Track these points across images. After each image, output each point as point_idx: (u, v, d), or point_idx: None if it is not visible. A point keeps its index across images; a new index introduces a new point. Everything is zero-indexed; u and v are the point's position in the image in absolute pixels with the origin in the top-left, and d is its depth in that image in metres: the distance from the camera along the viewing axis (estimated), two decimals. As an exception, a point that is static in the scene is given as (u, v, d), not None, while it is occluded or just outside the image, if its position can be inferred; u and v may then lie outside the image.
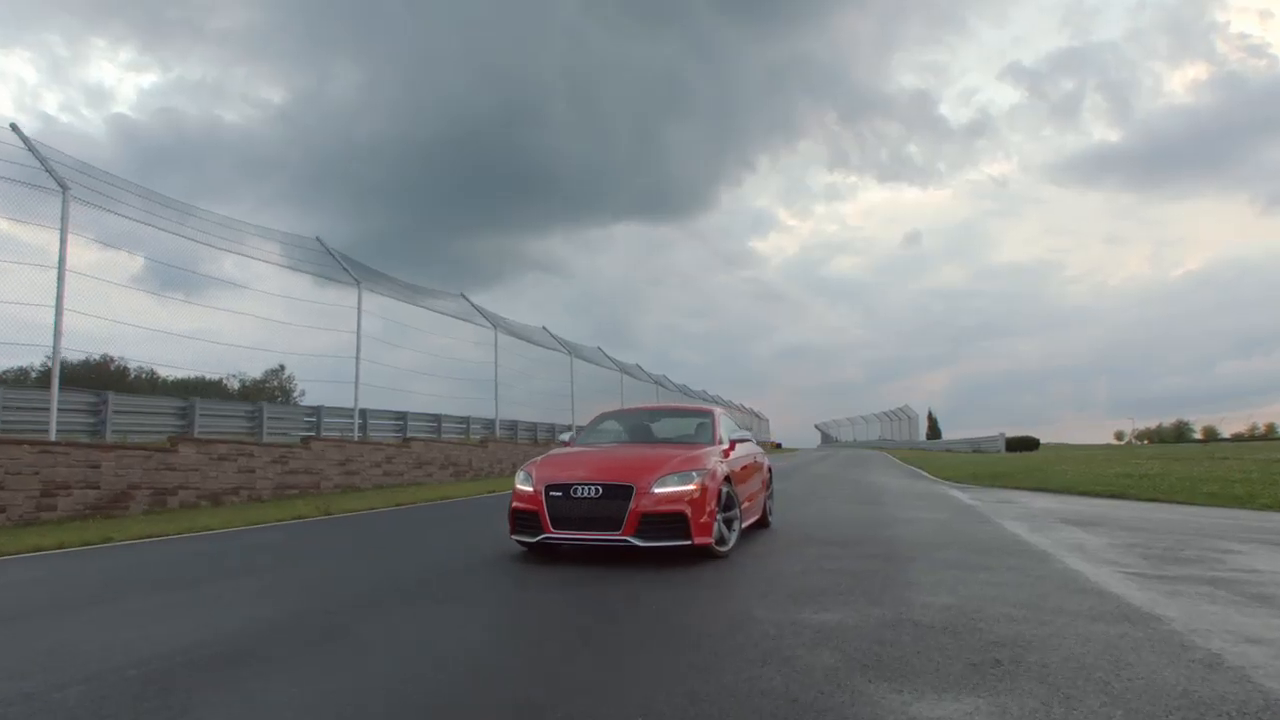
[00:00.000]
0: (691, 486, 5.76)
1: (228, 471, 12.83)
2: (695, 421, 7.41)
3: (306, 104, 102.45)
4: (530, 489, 5.95)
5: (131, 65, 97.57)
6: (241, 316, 14.53)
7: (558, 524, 5.73)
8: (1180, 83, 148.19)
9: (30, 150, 11.38)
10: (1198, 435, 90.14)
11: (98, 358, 16.79)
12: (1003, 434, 42.02)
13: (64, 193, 11.25)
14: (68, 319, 10.88)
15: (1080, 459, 21.88)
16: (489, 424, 24.41)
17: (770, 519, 8.30)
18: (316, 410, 18.47)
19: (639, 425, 7.62)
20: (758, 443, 8.82)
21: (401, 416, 21.70)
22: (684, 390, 47.82)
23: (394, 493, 14.91)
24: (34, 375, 14.16)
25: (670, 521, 5.63)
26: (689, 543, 5.64)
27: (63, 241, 11.09)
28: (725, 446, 6.86)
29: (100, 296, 11.59)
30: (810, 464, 29.64)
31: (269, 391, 22.69)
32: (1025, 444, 41.78)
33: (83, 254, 11.65)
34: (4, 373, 14.15)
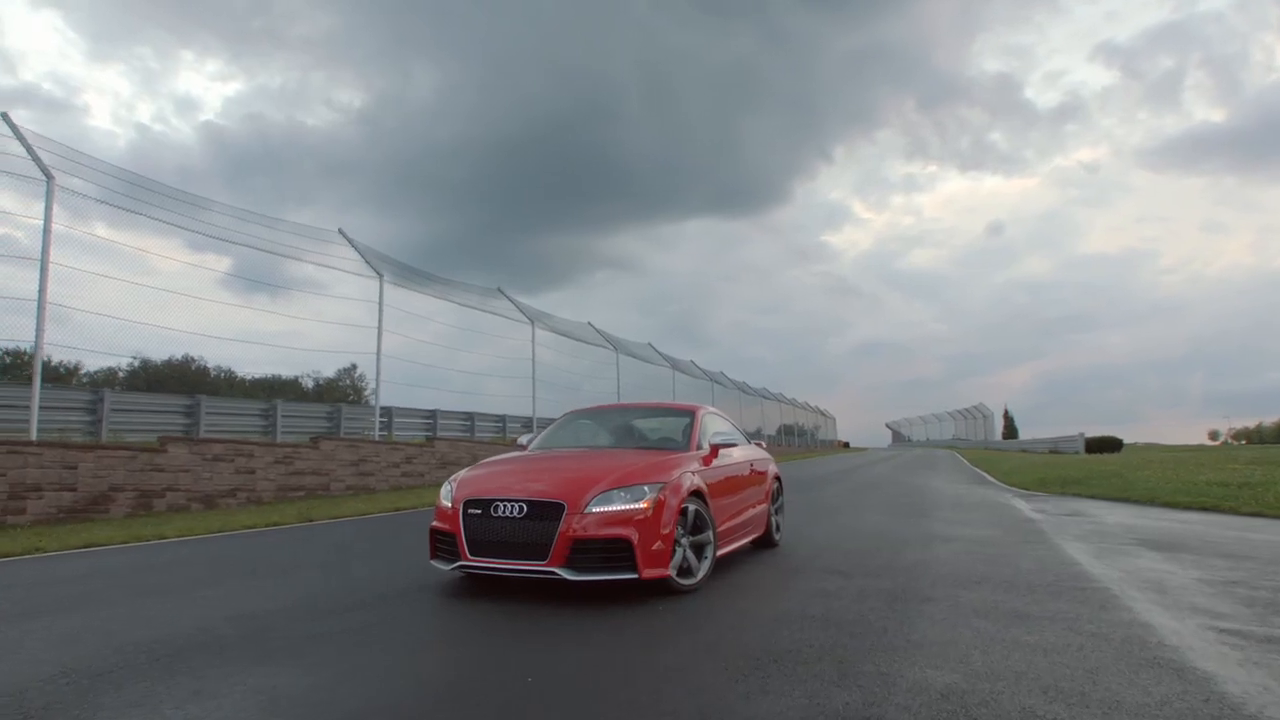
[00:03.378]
0: (641, 504, 4.57)
1: (223, 473, 12.18)
2: (673, 422, 6.18)
3: (386, 107, 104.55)
4: (449, 505, 4.87)
5: (218, 75, 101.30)
6: (307, 318, 14.61)
7: (476, 549, 4.62)
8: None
9: (20, 139, 10.94)
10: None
11: (179, 358, 17.08)
12: (1082, 434, 39.17)
13: (48, 181, 10.78)
14: (159, 319, 11.52)
15: (1167, 462, 19.65)
16: (528, 422, 23.57)
17: (778, 536, 7.03)
18: (337, 409, 17.91)
19: (610, 427, 6.44)
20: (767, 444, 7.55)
21: (431, 415, 21.01)
22: (742, 388, 46.29)
23: (407, 495, 14.09)
24: (121, 376, 15.00)
25: (610, 549, 4.46)
26: (635, 575, 4.45)
27: (46, 230, 10.62)
28: (704, 453, 5.63)
29: (182, 300, 12.03)
30: (867, 466, 27.89)
31: (341, 390, 22.53)
32: (1107, 445, 38.77)
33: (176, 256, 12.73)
34: (96, 373, 14.74)
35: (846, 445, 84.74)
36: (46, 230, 10.64)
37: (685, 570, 4.84)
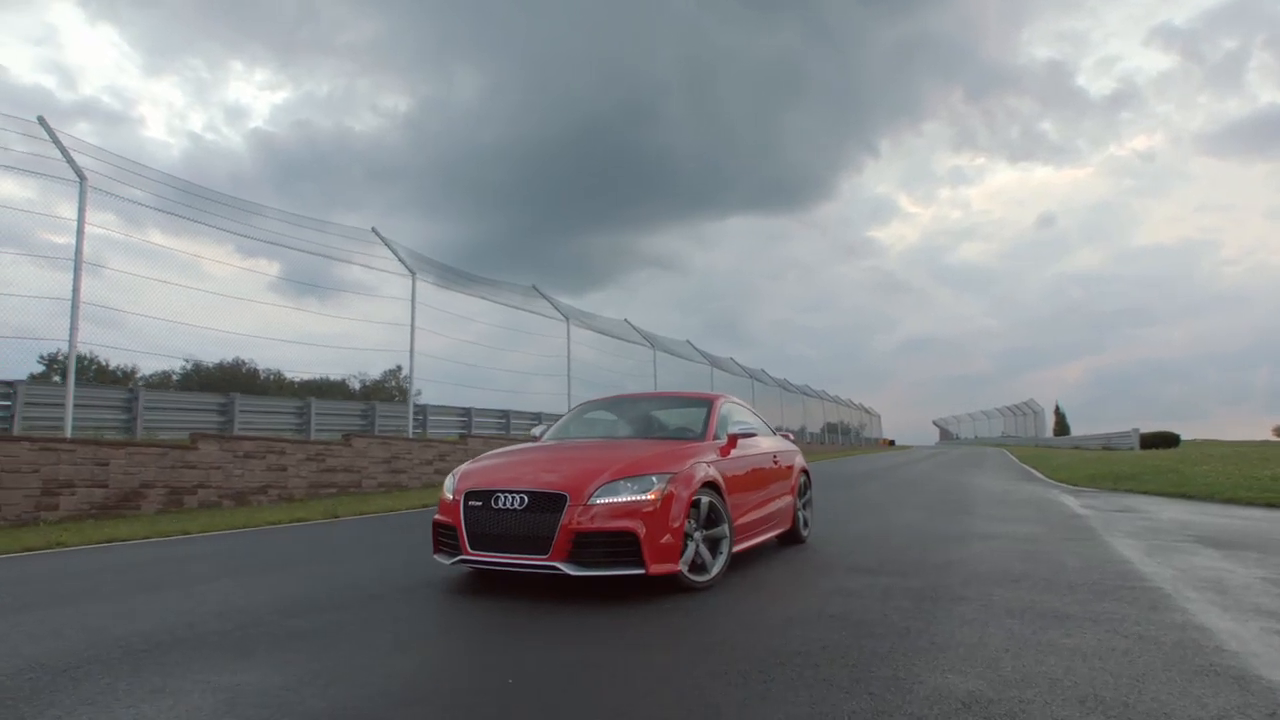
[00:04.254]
0: (649, 495, 4.31)
1: (255, 470, 12.24)
2: (689, 412, 5.89)
3: (430, 111, 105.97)
4: (450, 497, 4.67)
5: (266, 84, 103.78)
6: (354, 319, 15.08)
7: (477, 543, 4.41)
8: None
9: (55, 142, 11.11)
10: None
11: (229, 361, 17.64)
12: (1136, 430, 37.70)
13: (81, 183, 10.93)
14: (208, 322, 11.95)
15: (1227, 457, 18.70)
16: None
17: (805, 532, 6.71)
18: (371, 407, 17.98)
19: (625, 417, 6.19)
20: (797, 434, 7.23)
21: (466, 412, 21.00)
22: (783, 385, 45.65)
23: (437, 492, 14.02)
24: (175, 378, 15.95)
25: (615, 542, 4.21)
26: (641, 571, 4.19)
27: (79, 232, 10.75)
28: (721, 443, 5.35)
29: (232, 303, 12.43)
30: (911, 463, 27.19)
31: (388, 391, 22.77)
32: (1163, 440, 37.20)
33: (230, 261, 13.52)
34: (151, 375, 15.49)
35: (891, 443, 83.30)
36: (80, 231, 10.78)
37: (698, 566, 4.57)
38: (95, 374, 17.14)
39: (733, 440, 5.42)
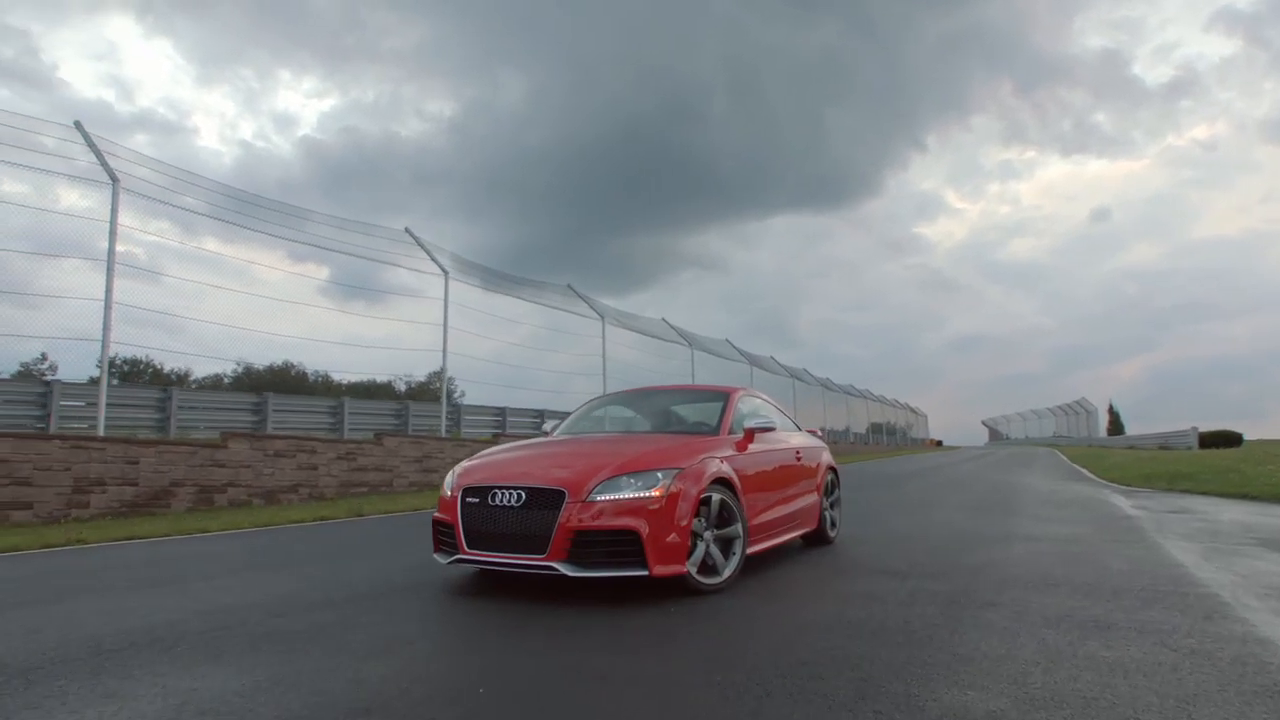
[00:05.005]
0: (653, 492, 4.05)
1: (285, 468, 12.28)
2: (705, 405, 5.60)
3: (475, 115, 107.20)
4: (449, 494, 4.47)
5: (314, 92, 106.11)
6: (400, 321, 15.37)
7: (474, 541, 4.20)
8: None
9: (90, 146, 11.29)
10: None
11: (279, 364, 18.08)
12: (1195, 428, 36.15)
13: (114, 185, 11.07)
14: (259, 325, 12.39)
15: (1296, 457, 17.69)
16: (598, 419, 23.25)
17: (833, 533, 6.37)
18: (405, 407, 18.00)
19: (638, 412, 5.94)
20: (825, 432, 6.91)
21: (500, 412, 20.95)
22: (825, 384, 44.91)
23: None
24: (227, 381, 16.29)
25: (616, 542, 3.96)
26: (644, 572, 3.94)
27: (112, 233, 10.88)
28: (737, 438, 5.06)
29: (281, 307, 12.83)
30: (957, 463, 26.42)
31: (432, 393, 22.96)
32: (1224, 440, 35.56)
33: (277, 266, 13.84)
34: (204, 378, 16.30)
35: (939, 443, 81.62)
36: (112, 232, 10.92)
37: (708, 568, 4.30)
38: (150, 377, 17.63)
39: (750, 435, 5.12)
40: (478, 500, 4.23)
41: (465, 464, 4.71)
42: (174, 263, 12.31)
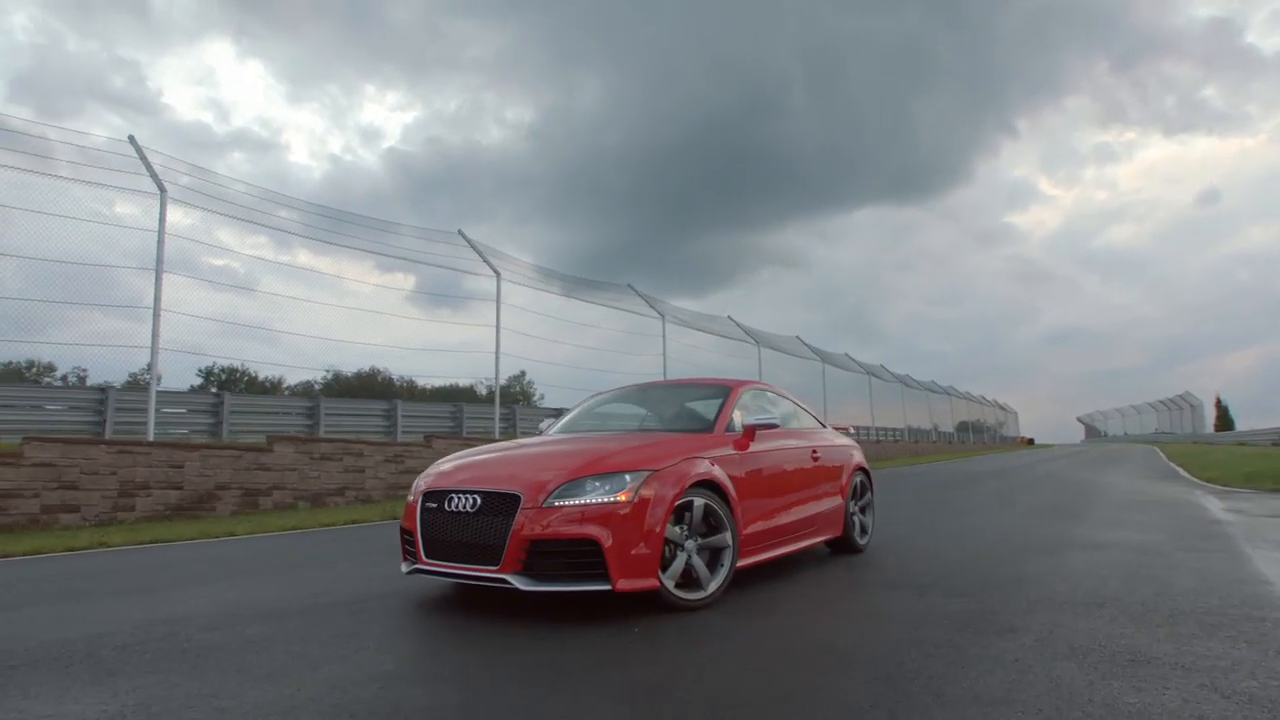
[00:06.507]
0: (619, 497, 3.62)
1: (331, 471, 12.34)
2: (704, 402, 5.10)
3: (554, 120, 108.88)
4: (411, 498, 4.15)
5: (398, 105, 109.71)
6: (481, 326, 15.71)
7: (432, 550, 3.86)
8: None
9: (141, 158, 11.59)
10: None
11: (366, 370, 18.76)
12: (1315, 423, 33.08)
13: (162, 195, 11.31)
14: (348, 335, 13.08)
15: None
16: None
17: (863, 540, 5.79)
18: (459, 409, 18.02)
19: (637, 409, 5.49)
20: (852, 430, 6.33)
21: (557, 413, 20.74)
22: (905, 381, 43.30)
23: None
24: (317, 387, 16.86)
25: (575, 552, 3.54)
26: (606, 587, 3.51)
27: (160, 242, 11.11)
28: (736, 436, 4.56)
29: (368, 316, 13.57)
30: (1041, 463, 24.87)
31: (513, 395, 23.31)
32: (1350, 435, 32.46)
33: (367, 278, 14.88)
34: (295, 385, 17.02)
35: (1030, 441, 77.90)
36: (160, 241, 11.14)
37: (690, 581, 3.84)
38: (245, 385, 18.41)
39: (750, 432, 4.62)
40: (436, 505, 3.89)
41: (434, 465, 4.38)
42: (270, 275, 12.97)
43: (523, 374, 22.51)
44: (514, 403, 21.86)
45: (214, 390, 13.41)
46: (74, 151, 11.22)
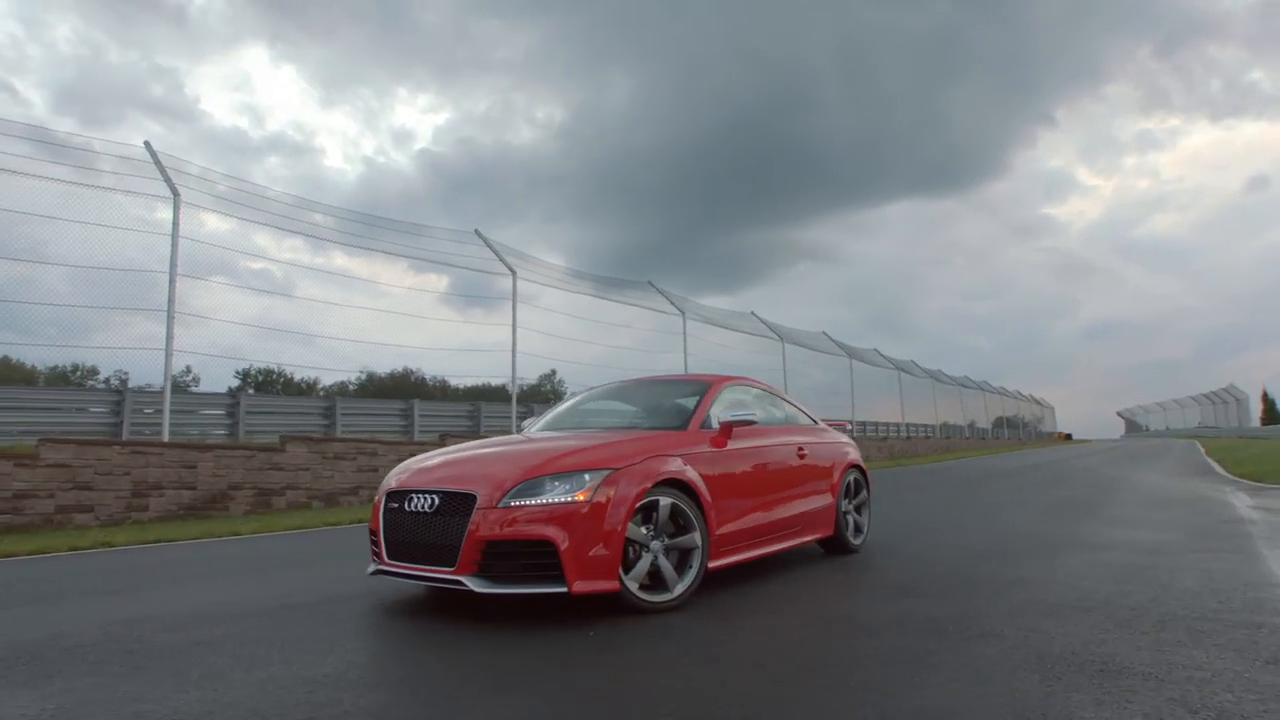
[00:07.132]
0: (576, 496, 3.51)
1: (345, 471, 12.40)
2: (680, 399, 4.96)
3: (584, 119, 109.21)
4: (377, 498, 4.08)
5: (429, 107, 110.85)
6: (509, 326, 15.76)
7: (394, 550, 3.79)
8: None
9: (155, 163, 11.75)
10: None
11: (399, 371, 19.14)
12: (1365, 416, 31.87)
13: (175, 198, 11.45)
14: (382, 336, 13.50)
15: None
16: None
17: (857, 540, 5.61)
18: (477, 408, 18.06)
19: (616, 406, 5.37)
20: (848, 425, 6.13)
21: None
22: (936, 376, 42.63)
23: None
24: (351, 388, 17.29)
25: (529, 553, 3.44)
26: (562, 589, 3.40)
27: (174, 245, 11.25)
28: (712, 433, 4.43)
29: (399, 317, 13.81)
30: (1076, 458, 24.26)
31: (543, 395, 23.45)
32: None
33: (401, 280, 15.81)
34: (331, 386, 17.36)
35: (1068, 437, 76.29)
36: (174, 244, 11.28)
37: (656, 583, 3.72)
38: (282, 386, 18.76)
39: (726, 429, 4.48)
40: (397, 505, 3.82)
41: (403, 464, 4.32)
42: (306, 279, 13.26)
43: (553, 373, 22.57)
44: (544, 402, 21.89)
45: (229, 391, 13.54)
46: (94, 158, 11.44)
